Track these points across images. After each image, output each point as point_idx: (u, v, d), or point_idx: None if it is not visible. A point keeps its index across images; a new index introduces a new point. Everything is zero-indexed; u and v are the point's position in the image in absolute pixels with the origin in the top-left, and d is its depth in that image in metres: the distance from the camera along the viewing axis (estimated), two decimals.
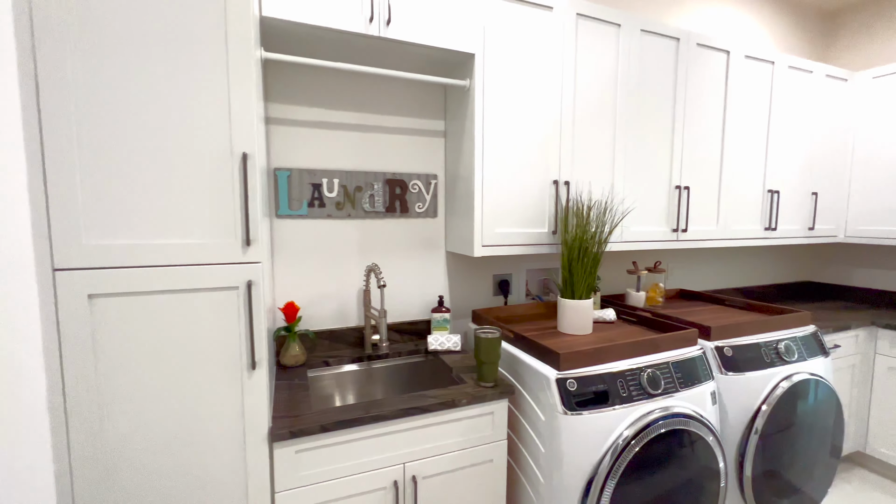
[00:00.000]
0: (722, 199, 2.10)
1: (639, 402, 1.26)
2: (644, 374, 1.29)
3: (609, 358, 1.30)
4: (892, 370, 2.17)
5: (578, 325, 1.58)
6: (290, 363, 1.50)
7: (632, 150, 1.83)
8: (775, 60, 2.16)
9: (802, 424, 1.57)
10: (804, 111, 2.31)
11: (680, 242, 1.99)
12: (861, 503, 2.04)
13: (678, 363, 1.37)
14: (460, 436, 1.29)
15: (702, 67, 1.96)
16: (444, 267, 1.88)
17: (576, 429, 1.20)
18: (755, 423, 1.45)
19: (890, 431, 2.17)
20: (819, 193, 2.42)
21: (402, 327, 1.81)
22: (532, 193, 1.66)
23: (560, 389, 1.21)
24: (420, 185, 1.78)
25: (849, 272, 2.79)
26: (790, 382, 1.51)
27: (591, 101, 1.73)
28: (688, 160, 1.98)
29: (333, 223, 1.66)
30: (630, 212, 1.79)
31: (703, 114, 2.00)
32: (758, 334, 1.59)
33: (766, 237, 2.26)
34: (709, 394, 1.38)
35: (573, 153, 1.71)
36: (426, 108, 1.78)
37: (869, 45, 2.66)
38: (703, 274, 2.57)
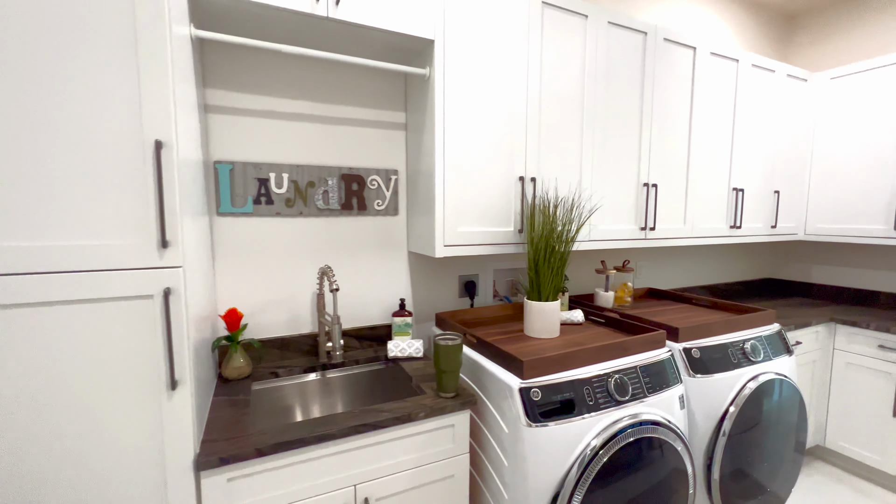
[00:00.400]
0: (689, 196, 2.08)
1: (606, 409, 1.20)
2: (611, 380, 1.23)
3: (575, 364, 1.23)
4: (849, 365, 2.21)
5: (545, 328, 1.51)
6: (232, 376, 1.36)
7: (599, 146, 1.77)
8: (739, 58, 2.16)
9: (768, 424, 1.56)
10: (767, 110, 2.32)
11: (648, 241, 1.96)
12: (822, 496, 2.07)
13: (646, 367, 1.32)
14: (418, 451, 1.19)
15: (669, 63, 1.93)
16: (407, 268, 1.77)
17: (540, 441, 1.12)
18: (723, 426, 1.42)
19: (848, 425, 2.22)
20: (781, 192, 2.46)
21: (361, 333, 1.69)
22: (497, 190, 1.58)
23: (524, 399, 1.13)
24: (379, 180, 1.67)
25: (808, 269, 2.85)
26: (757, 383, 1.49)
27: (558, 94, 1.66)
28: (656, 157, 1.94)
29: (283, 221, 1.53)
30: (597, 209, 1.73)
31: (671, 110, 1.97)
32: (724, 334, 1.56)
33: (731, 235, 2.27)
34: (677, 398, 1.33)
35: (539, 148, 1.64)
36: (386, 98, 1.67)
37: (827, 46, 2.72)
38: (670, 272, 2.57)
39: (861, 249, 2.60)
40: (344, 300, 1.66)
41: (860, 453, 2.17)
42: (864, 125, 2.32)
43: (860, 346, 2.17)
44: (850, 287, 2.63)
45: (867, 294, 2.55)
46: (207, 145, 1.40)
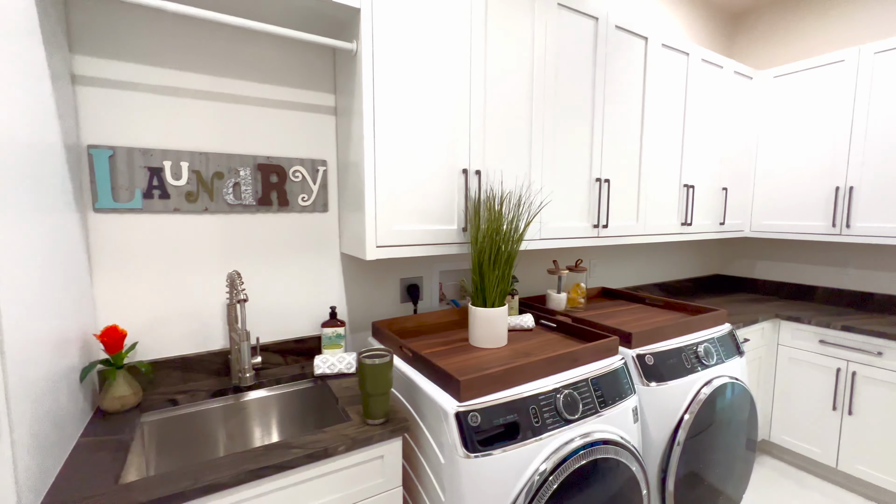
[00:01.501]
0: (642, 193, 2.01)
1: (555, 430, 1.07)
2: (560, 396, 1.10)
3: (521, 379, 1.09)
4: (792, 360, 2.24)
5: (491, 337, 1.37)
6: (113, 408, 1.11)
7: (550, 138, 1.65)
8: (690, 52, 2.11)
9: (722, 428, 1.50)
10: (715, 106, 2.31)
11: (602, 239, 1.87)
12: (766, 490, 2.08)
13: (598, 379, 1.20)
14: (340, 490, 1.01)
15: (621, 53, 1.84)
16: (340, 272, 1.57)
17: (481, 472, 0.97)
18: (678, 435, 1.34)
19: (791, 419, 2.25)
20: (729, 189, 2.46)
21: (285, 347, 1.48)
22: (438, 184, 1.41)
23: (460, 426, 0.97)
24: (304, 172, 1.46)
25: (753, 265, 2.91)
26: (711, 388, 1.42)
27: (506, 80, 1.51)
28: (608, 151, 1.85)
29: (184, 219, 1.29)
30: (547, 204, 1.61)
31: (623, 103, 1.88)
32: (678, 337, 1.48)
33: (682, 232, 2.23)
34: (630, 411, 1.23)
35: (485, 139, 1.48)
36: (312, 77, 1.46)
37: (773, 44, 2.77)
38: (623, 270, 2.52)
39: (801, 245, 2.66)
40: (264, 310, 1.44)
41: (803, 447, 2.21)
42: (805, 124, 2.35)
43: (802, 342, 2.20)
44: (791, 282, 2.70)
45: (806, 289, 2.62)
46: (77, 126, 1.13)
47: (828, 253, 2.54)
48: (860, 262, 2.41)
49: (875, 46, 2.08)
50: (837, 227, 2.24)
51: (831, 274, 2.52)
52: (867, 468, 1.99)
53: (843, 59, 2.19)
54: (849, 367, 2.03)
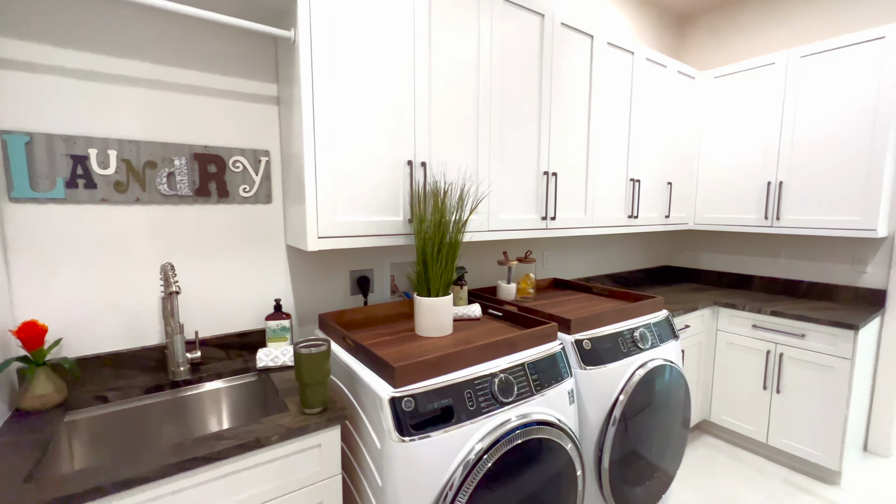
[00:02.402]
0: (589, 186, 2.08)
1: (489, 413, 1.10)
2: (496, 380, 1.13)
3: (457, 366, 1.11)
4: (729, 344, 2.39)
5: (437, 326, 1.39)
6: (33, 406, 1.06)
7: (497, 132, 1.68)
8: (635, 51, 2.20)
9: (656, 408, 1.59)
10: (660, 104, 2.41)
11: (549, 231, 1.92)
12: (707, 467, 2.21)
13: (534, 364, 1.24)
14: (276, 480, 1.01)
15: (567, 50, 1.90)
16: (286, 264, 1.55)
17: (415, 455, 0.99)
18: (613, 415, 1.40)
19: (729, 400, 2.40)
20: (674, 183, 2.58)
21: (227, 341, 1.45)
22: (383, 176, 1.41)
23: (394, 411, 0.99)
24: (245, 162, 1.43)
25: (698, 256, 3.07)
26: (645, 370, 1.50)
27: (451, 74, 1.53)
28: (556, 145, 1.91)
29: (113, 210, 1.24)
30: (486, 196, 1.63)
31: (570, 98, 1.94)
32: (616, 323, 1.55)
33: (629, 225, 2.33)
34: (566, 393, 1.28)
35: (430, 131, 1.50)
36: (252, 66, 1.43)
37: (717, 46, 2.91)
38: (576, 262, 2.60)
39: (739, 237, 2.83)
40: (204, 304, 1.41)
41: (738, 425, 2.36)
42: (741, 122, 2.50)
43: (737, 327, 2.34)
44: (732, 272, 2.87)
45: (745, 278, 2.79)
46: None
47: (762, 244, 2.71)
48: (790, 252, 2.59)
49: (802, 50, 2.23)
50: (769, 219, 2.40)
51: (766, 264, 2.70)
52: (792, 441, 2.15)
53: (773, 62, 2.34)
54: (777, 350, 2.18)
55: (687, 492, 2.02)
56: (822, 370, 2.04)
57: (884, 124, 1.99)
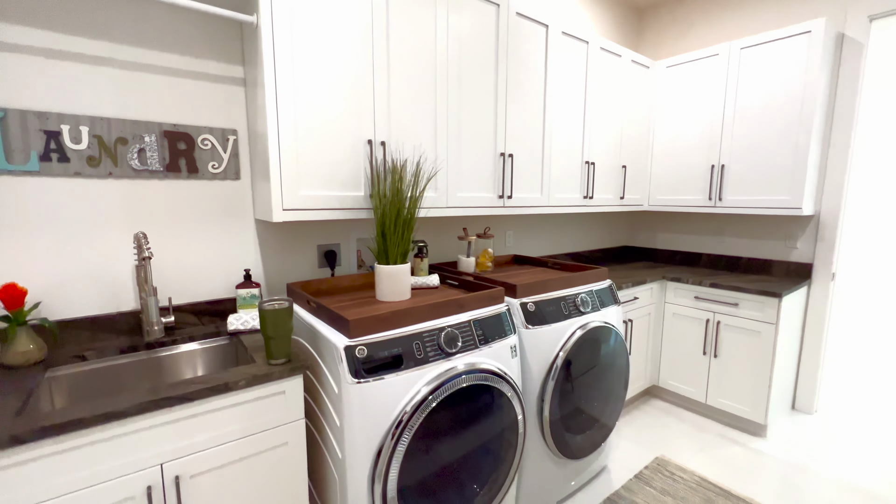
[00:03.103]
0: (545, 168, 2.23)
1: (436, 361, 1.25)
2: (442, 333, 1.28)
3: (407, 322, 1.25)
4: (675, 315, 2.60)
5: (395, 292, 1.52)
6: (16, 362, 1.16)
7: (455, 115, 1.81)
8: (589, 41, 2.34)
9: (595, 363, 1.76)
10: (615, 91, 2.57)
11: (506, 209, 2.07)
12: (653, 425, 2.43)
13: (480, 321, 1.39)
14: (243, 421, 1.13)
15: (523, 38, 2.02)
16: (255, 237, 1.66)
17: (368, 395, 1.13)
18: (553, 368, 1.57)
19: (675, 366, 2.62)
20: (628, 166, 2.76)
21: (200, 308, 1.56)
22: (345, 153, 1.53)
23: (348, 357, 1.12)
24: (213, 140, 1.52)
25: (654, 236, 3.27)
26: (584, 330, 1.67)
27: (409, 58, 1.64)
28: (512, 129, 2.04)
29: (87, 183, 1.32)
30: (436, 173, 1.75)
31: (526, 85, 2.07)
32: (561, 290, 1.71)
33: (584, 205, 2.50)
34: (509, 348, 1.44)
35: (389, 112, 1.61)
36: (219, 49, 1.51)
37: (672, 37, 3.08)
38: (539, 241, 2.77)
39: (689, 217, 3.04)
40: (177, 272, 1.51)
41: (683, 388, 2.59)
42: (690, 109, 2.68)
43: (682, 299, 2.55)
44: (683, 250, 3.08)
45: (695, 256, 3.01)
46: None
47: (710, 224, 2.93)
48: (733, 230, 2.81)
49: (741, 42, 2.41)
50: (713, 200, 2.60)
51: (713, 242, 2.92)
52: (726, 400, 2.39)
53: (717, 53, 2.52)
54: (715, 318, 2.40)
55: (626, 445, 2.23)
56: (752, 335, 2.26)
57: (809, 112, 2.19)
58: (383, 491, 1.13)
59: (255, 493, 1.17)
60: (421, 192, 1.56)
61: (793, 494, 1.86)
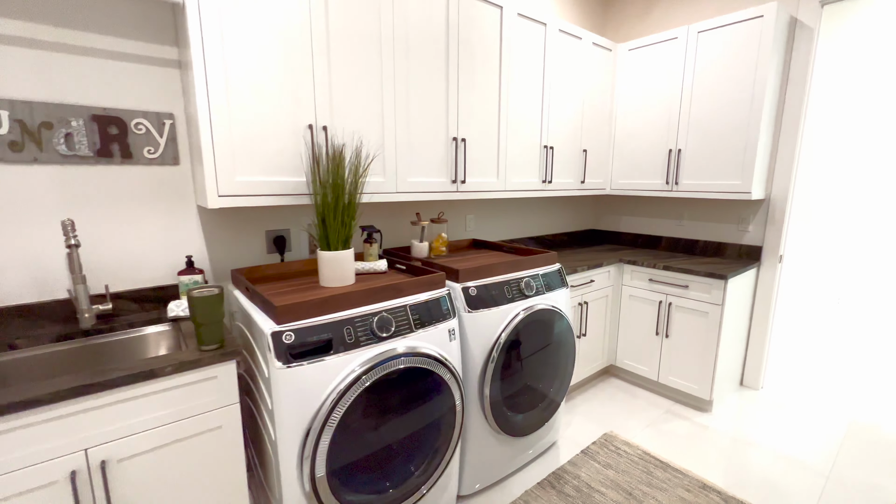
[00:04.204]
0: (501, 152, 2.23)
1: (367, 346, 1.27)
2: (375, 318, 1.30)
3: (340, 307, 1.27)
4: (631, 297, 2.67)
5: (338, 278, 1.54)
6: None
7: (402, 98, 1.79)
8: (547, 22, 2.32)
9: (540, 346, 1.82)
10: (576, 74, 2.56)
11: (460, 193, 2.08)
12: (607, 402, 2.52)
13: (417, 305, 1.42)
14: (173, 406, 1.15)
15: (476, 19, 2.00)
16: (198, 223, 1.65)
17: (295, 379, 1.16)
18: (494, 352, 1.61)
19: (631, 346, 2.70)
20: (589, 151, 2.77)
21: (145, 294, 1.55)
22: (284, 138, 1.51)
23: (276, 343, 1.14)
24: (148, 125, 1.49)
25: (618, 220, 3.32)
26: (528, 312, 1.71)
27: (350, 38, 1.61)
28: (465, 113, 2.03)
29: (9, 169, 1.29)
30: (377, 156, 1.74)
31: (480, 68, 2.06)
32: (506, 274, 1.74)
33: (543, 189, 2.52)
34: (447, 331, 1.47)
35: (331, 96, 1.59)
36: (151, 29, 1.47)
37: (636, 20, 3.06)
38: (502, 225, 2.79)
39: (649, 201, 3.09)
40: (119, 259, 1.50)
41: (637, 367, 2.68)
42: (650, 93, 2.69)
43: (637, 281, 2.62)
44: (645, 233, 3.14)
45: (655, 239, 3.07)
46: None
47: (670, 207, 2.98)
48: (691, 214, 2.87)
49: (699, 26, 2.41)
50: (670, 184, 2.64)
51: (672, 225, 2.98)
52: (676, 378, 2.48)
53: (676, 36, 2.52)
54: (667, 300, 2.47)
55: (579, 420, 2.32)
56: (700, 315, 2.34)
57: (759, 97, 2.22)
58: (311, 471, 1.17)
59: (191, 476, 1.20)
60: (362, 177, 1.56)
61: (726, 464, 1.97)
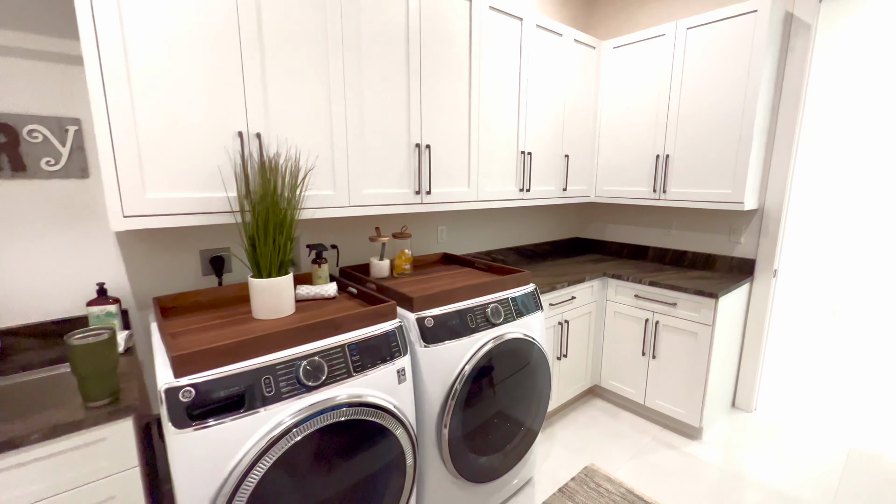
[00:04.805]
0: (473, 159, 2.03)
1: (291, 398, 1.07)
2: (303, 363, 1.10)
3: (261, 350, 1.07)
4: (616, 314, 2.48)
5: (272, 308, 1.33)
6: None
7: (354, 101, 1.58)
8: (523, 17, 2.12)
9: (508, 381, 1.62)
10: (556, 74, 2.37)
11: (424, 206, 1.88)
12: (593, 431, 2.34)
13: (357, 344, 1.22)
14: (46, 480, 0.94)
15: (441, 13, 1.79)
16: (115, 243, 1.43)
17: (195, 446, 0.95)
18: (453, 392, 1.42)
19: (617, 367, 2.52)
20: (571, 156, 2.58)
21: (42, 330, 1.34)
22: (208, 147, 1.30)
23: (170, 402, 0.94)
24: (45, 132, 1.27)
25: (603, 228, 3.14)
26: (496, 342, 1.52)
27: (291, 29, 1.40)
28: (430, 118, 1.83)
29: None
30: (312, 169, 1.52)
31: (447, 68, 1.85)
32: (470, 300, 1.55)
33: (521, 199, 2.32)
34: (395, 372, 1.27)
35: (266, 99, 1.38)
36: (45, 19, 1.25)
37: (621, 14, 2.87)
38: (479, 236, 2.59)
39: (637, 209, 2.91)
40: (11, 289, 1.28)
41: (623, 389, 2.50)
42: (637, 94, 2.50)
43: (623, 297, 2.43)
44: (631, 243, 2.96)
45: (642, 249, 2.89)
46: None
47: (657, 216, 2.80)
48: (680, 223, 2.69)
49: (688, 22, 2.23)
50: (657, 192, 2.46)
51: (660, 235, 2.80)
52: (664, 402, 2.30)
53: (664, 33, 2.33)
54: (654, 318, 2.29)
55: (559, 451, 2.13)
56: (689, 336, 2.16)
57: (752, 99, 2.04)
58: None
59: None
60: (302, 190, 1.36)
61: (718, 502, 1.79)
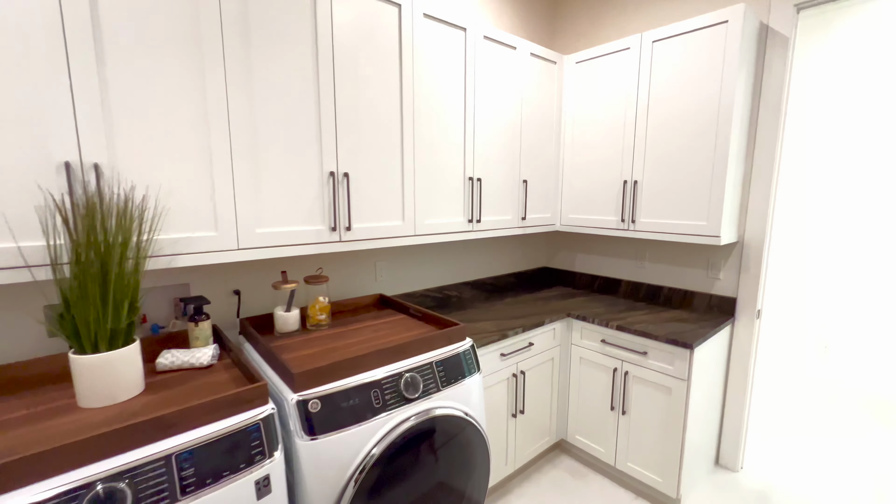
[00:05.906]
0: (407, 189, 1.75)
1: None
2: (100, 489, 0.78)
3: (50, 472, 0.75)
4: (582, 360, 2.18)
5: (105, 394, 1.01)
6: None
7: (244, 121, 1.30)
8: (467, 27, 1.87)
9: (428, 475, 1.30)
10: (510, 91, 2.11)
11: (343, 244, 1.58)
12: (552, 492, 2.01)
13: (197, 450, 0.90)
14: None
15: (364, 18, 1.53)
16: None
17: None
18: (345, 493, 1.10)
19: (585, 420, 2.21)
20: (530, 181, 2.32)
21: None
22: (20, 184, 1.00)
23: None
24: None
25: (573, 258, 2.86)
26: (412, 423, 1.21)
27: (145, 22, 1.12)
28: (348, 141, 1.55)
29: None
30: (166, 212, 1.21)
31: (370, 83, 1.58)
32: (377, 368, 1.24)
33: (471, 231, 2.04)
34: (252, 483, 0.95)
35: (111, 116, 1.09)
36: None
37: (585, 26, 2.65)
38: (430, 269, 2.29)
39: (606, 239, 2.64)
40: None
41: (591, 446, 2.18)
42: (602, 113, 2.26)
43: (589, 341, 2.14)
44: (602, 275, 2.68)
45: (614, 282, 2.61)
46: None
47: (628, 247, 2.53)
48: (653, 255, 2.42)
49: (654, 34, 1.99)
50: (625, 222, 2.19)
51: (632, 267, 2.52)
52: (636, 465, 1.99)
53: (628, 46, 2.10)
54: (623, 367, 1.99)
55: None
56: (662, 391, 1.86)
57: (726, 117, 1.80)
58: None
59: None
60: (148, 239, 1.05)
61: None
